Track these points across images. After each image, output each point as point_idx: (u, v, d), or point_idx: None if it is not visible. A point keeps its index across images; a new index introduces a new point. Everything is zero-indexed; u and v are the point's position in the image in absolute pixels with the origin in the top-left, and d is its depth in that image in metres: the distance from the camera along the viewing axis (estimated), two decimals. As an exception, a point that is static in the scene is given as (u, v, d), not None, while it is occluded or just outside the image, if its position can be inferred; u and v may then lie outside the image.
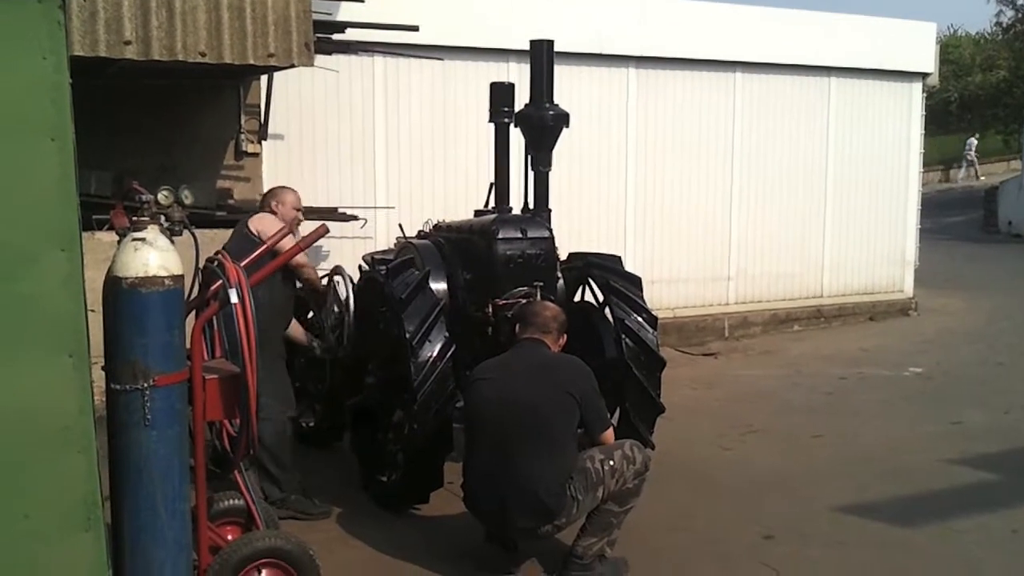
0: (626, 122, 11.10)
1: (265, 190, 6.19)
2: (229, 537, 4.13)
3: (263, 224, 5.46)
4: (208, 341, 4.08)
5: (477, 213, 6.81)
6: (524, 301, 5.61)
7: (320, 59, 7.95)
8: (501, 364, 4.88)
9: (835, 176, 12.53)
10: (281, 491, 5.53)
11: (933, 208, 23.63)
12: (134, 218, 3.50)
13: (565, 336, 5.03)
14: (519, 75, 8.38)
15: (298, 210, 5.90)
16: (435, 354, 5.28)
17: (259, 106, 9.02)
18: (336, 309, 6.17)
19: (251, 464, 5.05)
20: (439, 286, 6.05)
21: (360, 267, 6.68)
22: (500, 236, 5.92)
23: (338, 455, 6.73)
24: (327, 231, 4.64)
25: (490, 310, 5.82)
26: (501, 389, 4.67)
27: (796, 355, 10.77)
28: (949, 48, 38.34)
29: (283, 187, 6.05)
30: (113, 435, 3.49)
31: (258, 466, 5.55)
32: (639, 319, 5.95)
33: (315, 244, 4.91)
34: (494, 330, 5.81)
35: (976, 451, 6.95)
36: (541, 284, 5.85)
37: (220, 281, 3.84)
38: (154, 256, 3.40)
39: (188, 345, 3.66)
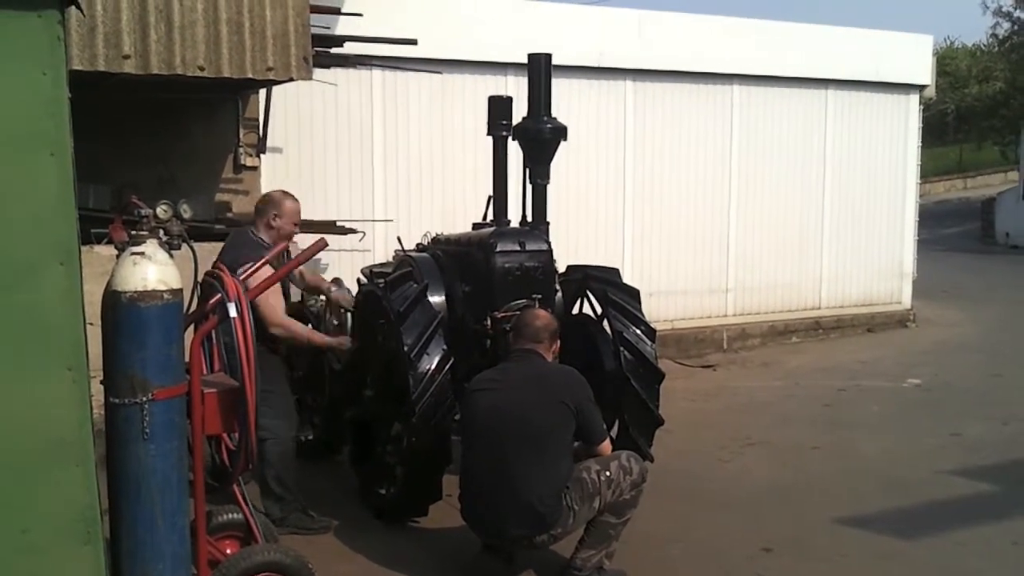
0: (624, 135, 11.12)
1: (263, 193, 5.97)
2: (228, 551, 4.13)
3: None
4: (207, 355, 4.08)
5: (475, 226, 6.81)
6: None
7: (318, 73, 7.97)
8: (496, 375, 4.89)
9: (832, 188, 12.56)
10: (281, 510, 5.51)
11: (931, 220, 23.71)
12: (133, 232, 3.51)
13: (558, 342, 5.04)
14: (517, 88, 8.41)
15: (296, 224, 5.71)
16: (433, 367, 5.28)
17: (257, 120, 9.04)
18: (335, 321, 6.18)
19: (252, 478, 5.04)
20: (437, 299, 6.06)
21: (358, 280, 6.70)
22: (498, 249, 5.92)
23: (337, 468, 6.73)
24: (326, 245, 4.64)
25: (488, 323, 5.82)
26: (496, 400, 4.68)
27: (794, 367, 10.77)
28: (946, 60, 38.46)
29: (284, 195, 5.70)
30: (112, 449, 3.49)
31: (261, 485, 5.54)
32: (637, 331, 5.96)
33: (314, 257, 4.91)
34: (492, 343, 5.81)
35: (975, 463, 6.95)
36: (539, 297, 5.86)
37: (219, 295, 3.84)
38: (153, 270, 3.41)
39: (187, 359, 3.66)
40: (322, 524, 5.63)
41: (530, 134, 6.29)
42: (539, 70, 6.26)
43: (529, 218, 6.42)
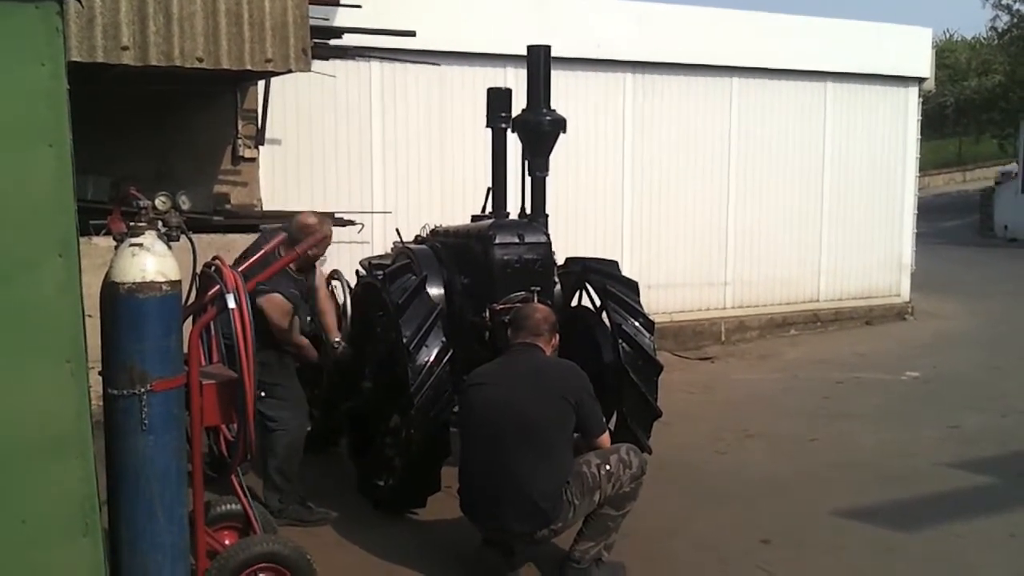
0: (623, 127, 11.11)
1: (300, 214, 5.77)
2: (226, 542, 4.14)
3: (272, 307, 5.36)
4: (205, 346, 4.08)
5: (474, 218, 6.81)
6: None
7: (317, 64, 7.95)
8: (495, 369, 4.88)
9: (831, 181, 12.56)
10: (280, 502, 5.52)
11: (929, 212, 23.70)
12: (131, 223, 3.51)
13: (557, 336, 5.04)
14: (516, 80, 8.40)
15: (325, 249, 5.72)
16: (432, 359, 5.29)
17: (256, 111, 9.03)
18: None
19: (251, 469, 5.05)
20: (436, 291, 6.06)
21: (357, 272, 6.69)
22: (497, 241, 5.92)
23: (335, 460, 6.73)
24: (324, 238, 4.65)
25: (487, 315, 5.82)
26: (496, 394, 4.68)
27: (793, 359, 10.78)
28: (945, 53, 38.46)
29: (322, 222, 5.65)
30: (111, 440, 3.49)
31: (263, 475, 5.55)
32: (636, 324, 5.96)
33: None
34: (491, 335, 5.81)
35: (973, 455, 6.95)
36: (538, 289, 5.85)
37: (217, 286, 3.84)
38: (151, 261, 3.40)
39: (186, 350, 3.66)
40: (320, 516, 5.63)
41: (529, 126, 6.29)
42: (538, 62, 6.25)
43: (528, 210, 6.42)
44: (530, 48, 6.30)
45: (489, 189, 6.70)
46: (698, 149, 11.60)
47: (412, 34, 8.72)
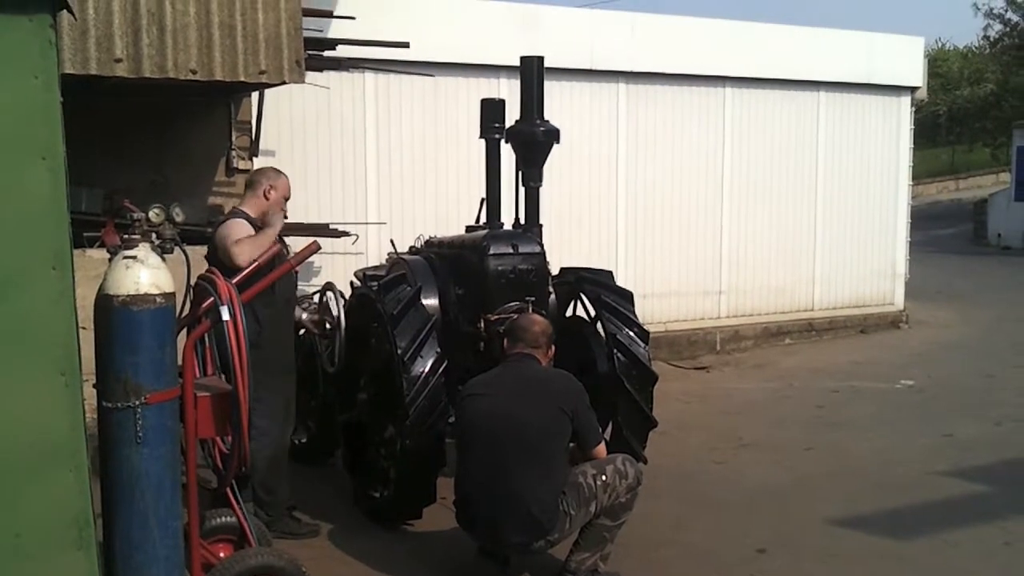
0: (616, 137, 11.13)
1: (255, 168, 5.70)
2: (221, 554, 4.12)
3: (229, 230, 5.14)
4: (200, 358, 4.08)
5: (468, 229, 6.82)
6: (515, 316, 5.61)
7: (311, 76, 7.96)
8: (492, 380, 4.87)
9: (825, 190, 12.59)
10: (268, 515, 5.42)
11: (923, 221, 23.76)
12: (125, 236, 3.51)
13: (553, 348, 5.04)
14: (510, 91, 8.40)
15: (287, 199, 5.54)
16: (427, 370, 5.29)
17: (250, 123, 9.03)
18: (328, 325, 6.16)
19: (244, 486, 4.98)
20: (431, 302, 6.06)
21: (352, 283, 6.69)
22: (491, 251, 5.92)
23: (330, 471, 6.72)
24: (319, 248, 4.65)
25: (482, 325, 5.82)
26: (493, 405, 4.67)
27: (788, 368, 10.78)
28: (937, 62, 38.61)
29: (277, 171, 5.56)
30: (105, 453, 3.48)
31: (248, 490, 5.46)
32: (631, 333, 5.97)
33: (307, 260, 4.91)
34: (486, 345, 5.81)
35: (968, 463, 6.96)
36: (533, 299, 5.86)
37: (211, 298, 3.84)
38: (145, 274, 3.40)
39: (180, 362, 3.66)
40: (310, 528, 5.59)
41: (523, 137, 6.30)
42: (532, 73, 6.27)
43: (522, 221, 6.42)
44: (523, 59, 6.31)
45: (483, 200, 6.71)
46: (691, 158, 11.62)
47: (406, 45, 8.74)
